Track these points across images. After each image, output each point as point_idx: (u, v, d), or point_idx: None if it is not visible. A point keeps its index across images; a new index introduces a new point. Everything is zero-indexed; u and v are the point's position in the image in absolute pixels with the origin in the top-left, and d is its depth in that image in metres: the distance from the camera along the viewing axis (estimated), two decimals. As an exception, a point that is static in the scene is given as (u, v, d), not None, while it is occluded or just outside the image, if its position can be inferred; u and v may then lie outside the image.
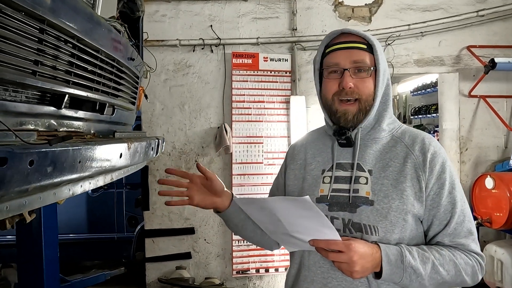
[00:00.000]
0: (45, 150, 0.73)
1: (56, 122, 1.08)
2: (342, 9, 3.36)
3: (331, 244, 0.86)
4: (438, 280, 0.90)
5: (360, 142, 0.99)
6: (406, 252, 0.89)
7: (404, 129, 1.03)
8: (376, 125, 1.00)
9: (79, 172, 0.89)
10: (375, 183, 0.95)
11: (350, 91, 0.95)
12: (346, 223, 0.95)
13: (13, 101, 0.88)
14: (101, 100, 1.30)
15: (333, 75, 0.98)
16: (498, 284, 2.97)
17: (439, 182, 0.95)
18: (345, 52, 0.97)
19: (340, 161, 1.00)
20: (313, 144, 1.09)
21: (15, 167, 0.65)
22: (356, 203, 0.94)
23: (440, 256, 0.91)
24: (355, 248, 0.85)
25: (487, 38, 3.34)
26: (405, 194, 0.93)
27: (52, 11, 0.93)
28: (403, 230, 0.93)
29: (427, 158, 0.95)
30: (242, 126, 3.28)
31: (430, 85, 4.60)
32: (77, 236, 3.96)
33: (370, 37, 0.98)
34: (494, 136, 3.36)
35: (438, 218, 0.94)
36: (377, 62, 0.97)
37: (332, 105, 0.98)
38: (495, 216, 2.96)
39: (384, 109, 1.01)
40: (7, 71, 0.80)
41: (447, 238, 0.94)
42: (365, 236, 0.93)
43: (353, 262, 0.84)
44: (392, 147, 0.99)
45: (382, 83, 0.99)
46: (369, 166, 0.97)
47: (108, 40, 1.30)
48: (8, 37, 0.80)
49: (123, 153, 1.16)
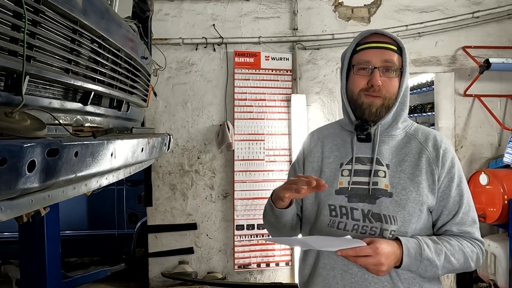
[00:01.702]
0: (87, 143, 0.79)
1: (82, 117, 1.13)
2: (342, 10, 3.43)
3: (359, 251, 0.90)
4: (450, 268, 0.99)
5: (378, 138, 1.05)
6: (424, 245, 0.96)
7: (416, 127, 1.11)
8: (394, 123, 1.07)
9: (110, 164, 0.95)
10: (392, 176, 1.02)
11: (377, 88, 1.02)
12: (365, 214, 1.01)
13: (48, 98, 0.93)
14: (119, 97, 1.36)
15: (363, 72, 1.04)
16: (491, 277, 3.08)
17: (449, 175, 1.03)
18: (377, 51, 1.02)
19: (358, 155, 1.06)
20: (330, 138, 1.14)
21: (64, 158, 0.71)
22: (376, 194, 1.01)
23: (451, 247, 0.99)
24: (382, 251, 0.90)
25: (481, 39, 3.43)
26: (421, 186, 1.01)
27: (84, 12, 0.98)
28: (419, 220, 1.01)
29: (440, 154, 1.03)
30: (244, 123, 3.34)
31: (426, 84, 4.69)
32: (78, 233, 3.98)
33: (400, 40, 1.05)
34: (488, 134, 3.46)
35: (448, 208, 1.03)
36: (404, 64, 1.04)
37: (358, 99, 1.04)
38: (489, 211, 3.06)
39: (402, 109, 1.08)
40: (47, 69, 0.85)
41: (455, 227, 1.03)
42: (384, 225, 1.00)
43: (381, 264, 0.90)
44: (406, 143, 1.06)
45: (405, 84, 1.06)
46: (386, 161, 1.04)
47: (127, 40, 1.35)
48: (46, 37, 0.85)
49: (144, 147, 1.22)
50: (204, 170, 3.39)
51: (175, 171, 3.38)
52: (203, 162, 3.39)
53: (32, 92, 0.85)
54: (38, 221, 2.74)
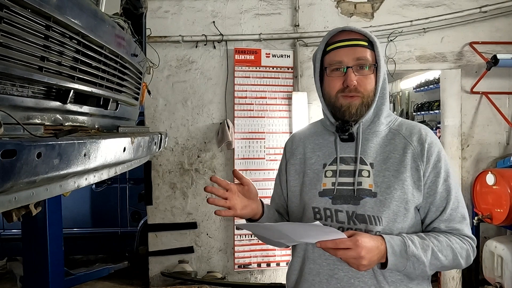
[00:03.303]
0: (52, 143, 0.76)
1: (62, 116, 1.11)
2: (345, 5, 3.36)
3: (339, 243, 0.88)
4: (438, 265, 0.95)
5: (361, 136, 1.01)
6: (409, 242, 0.92)
7: (401, 121, 1.06)
8: (376, 119, 1.03)
9: (84, 165, 0.92)
10: (377, 175, 0.98)
11: (354, 88, 0.97)
12: (350, 215, 0.97)
13: (20, 96, 0.91)
14: (105, 96, 1.33)
15: (336, 73, 1.00)
16: (498, 280, 2.99)
17: (435, 170, 0.98)
18: (348, 50, 0.98)
19: (342, 155, 1.02)
20: (311, 138, 1.10)
21: (24, 159, 0.68)
22: (360, 195, 0.97)
23: (438, 243, 0.95)
24: (362, 243, 0.87)
25: (490, 34, 3.33)
26: (405, 184, 0.96)
27: (58, 8, 0.95)
28: (405, 219, 0.97)
29: (425, 148, 0.99)
30: (244, 122, 3.30)
31: (433, 81, 4.60)
32: (81, 231, 4.01)
33: (371, 34, 1.00)
34: (496, 132, 3.36)
35: (435, 205, 0.98)
36: (378, 58, 0.99)
37: (336, 102, 1.00)
38: (496, 212, 2.98)
39: (382, 103, 1.03)
40: (15, 67, 0.83)
41: (443, 224, 0.98)
42: (369, 226, 0.96)
43: (361, 257, 0.87)
44: (391, 140, 1.02)
45: (382, 78, 1.01)
46: (370, 160, 1.00)
47: (112, 37, 1.32)
48: (15, 34, 0.82)
49: (126, 147, 1.19)
50: (204, 169, 3.37)
51: (175, 169, 3.36)
52: (203, 161, 3.37)
53: (0, 90, 0.83)
54: (41, 219, 2.76)
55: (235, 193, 1.00)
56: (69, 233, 3.69)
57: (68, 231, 3.60)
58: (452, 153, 3.41)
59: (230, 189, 0.99)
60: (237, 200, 0.99)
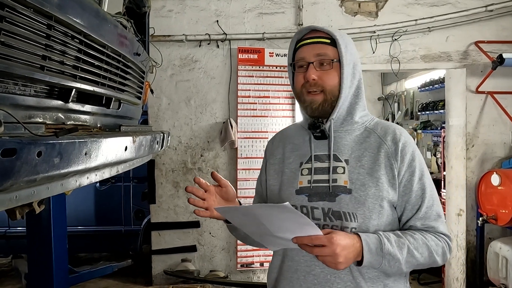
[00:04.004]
0: (52, 142, 0.76)
1: (64, 115, 1.11)
2: (349, 4, 3.34)
3: (314, 239, 0.89)
4: (414, 263, 0.96)
5: (334, 134, 1.04)
6: (385, 239, 0.93)
7: (377, 121, 1.08)
8: (348, 118, 1.05)
9: (85, 164, 0.92)
10: (352, 172, 1.00)
11: (313, 82, 1.01)
12: (326, 212, 0.99)
13: (22, 95, 0.91)
14: (107, 95, 1.34)
15: (301, 69, 1.04)
16: (503, 281, 2.97)
17: (410, 169, 1.00)
18: (310, 47, 1.03)
19: (317, 153, 1.05)
20: (290, 139, 1.13)
21: (24, 158, 0.68)
22: (335, 192, 0.99)
23: (414, 241, 0.96)
24: (337, 240, 0.88)
25: (495, 34, 3.29)
26: (380, 181, 0.98)
27: (60, 7, 0.95)
28: (380, 216, 0.98)
29: (399, 148, 1.00)
30: (248, 121, 3.30)
31: (438, 81, 4.55)
32: (85, 229, 4.03)
33: (334, 32, 1.03)
34: (501, 132, 3.33)
35: (411, 203, 1.00)
36: (340, 55, 1.02)
37: (301, 96, 1.04)
38: (501, 213, 2.95)
39: (356, 102, 1.05)
40: (17, 66, 0.83)
41: (419, 222, 1.00)
42: (344, 223, 0.97)
43: (337, 255, 0.87)
44: (366, 138, 1.04)
45: (352, 76, 1.03)
46: (345, 156, 1.02)
47: (114, 36, 1.33)
48: (17, 33, 0.83)
49: (128, 146, 1.19)
50: (207, 168, 3.37)
51: (178, 168, 3.37)
52: (206, 160, 3.37)
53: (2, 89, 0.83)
54: (45, 217, 2.78)
55: (212, 194, 1.03)
56: (73, 231, 3.71)
57: (72, 229, 3.62)
58: (456, 153, 3.38)
59: (208, 190, 1.02)
60: (214, 201, 1.02)
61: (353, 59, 1.04)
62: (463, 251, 3.36)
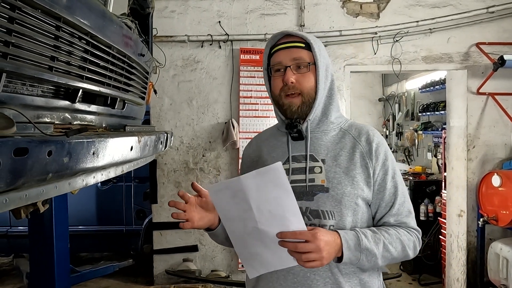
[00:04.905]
0: (62, 142, 0.77)
1: (71, 115, 1.12)
2: (350, 6, 3.35)
3: (298, 234, 0.91)
4: (388, 257, 1.00)
5: (310, 134, 1.07)
6: (362, 235, 0.97)
7: (351, 123, 1.13)
8: (324, 118, 1.09)
9: (92, 163, 0.93)
10: (328, 171, 1.03)
11: (292, 85, 1.04)
12: (304, 211, 1.02)
13: (30, 95, 0.93)
14: (112, 95, 1.35)
15: (278, 73, 1.07)
16: (503, 282, 2.97)
17: (384, 168, 1.05)
18: (286, 51, 1.06)
19: (294, 154, 1.08)
20: (266, 142, 1.16)
21: (35, 157, 0.69)
22: (313, 191, 1.03)
23: (388, 236, 1.01)
24: (320, 236, 0.90)
25: (497, 35, 3.31)
26: (355, 180, 1.02)
27: (68, 8, 0.97)
28: (355, 213, 1.02)
29: (373, 148, 1.05)
30: (249, 121, 3.31)
31: (439, 82, 4.56)
32: (87, 228, 4.04)
33: (308, 37, 1.07)
34: (502, 133, 3.34)
35: (385, 201, 1.05)
36: (315, 58, 1.05)
37: (279, 100, 1.08)
38: (501, 214, 2.96)
39: (330, 103, 1.09)
40: (27, 67, 0.84)
41: (392, 218, 1.05)
42: (323, 221, 1.01)
43: (321, 250, 0.90)
44: (341, 138, 1.08)
45: (325, 78, 1.08)
46: (322, 156, 1.05)
47: (119, 37, 1.34)
48: (27, 34, 0.84)
49: (133, 146, 1.21)
50: (209, 168, 3.38)
51: (180, 168, 3.38)
52: (208, 160, 3.38)
53: (11, 89, 0.84)
54: (47, 216, 2.78)
55: (192, 205, 1.02)
56: (75, 230, 3.72)
57: (74, 229, 3.62)
58: (457, 154, 3.39)
59: (189, 202, 1.02)
60: (194, 212, 1.02)
61: (326, 62, 1.08)
62: (464, 252, 3.36)
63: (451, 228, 3.40)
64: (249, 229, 0.95)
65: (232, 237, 1.01)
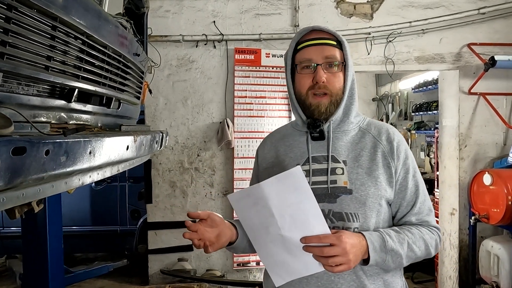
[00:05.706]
0: (59, 141, 0.78)
1: (66, 115, 1.13)
2: (344, 6, 3.38)
3: (323, 238, 0.89)
4: (413, 256, 0.99)
5: (332, 135, 1.04)
6: (387, 236, 0.95)
7: (369, 121, 1.10)
8: (345, 118, 1.05)
9: (89, 163, 0.94)
10: (350, 172, 1.00)
11: (323, 85, 1.00)
12: (326, 214, 0.98)
13: (27, 95, 0.93)
14: (108, 94, 1.35)
15: (306, 70, 1.02)
16: (494, 279, 3.02)
17: (405, 167, 1.03)
18: (318, 48, 1.01)
19: (314, 154, 1.04)
20: (282, 141, 1.11)
21: (33, 156, 0.70)
22: (335, 193, 0.99)
23: (412, 235, 0.99)
24: (345, 238, 0.88)
25: (488, 36, 3.36)
26: (378, 180, 1.00)
27: (64, 8, 0.97)
28: (379, 214, 1.00)
29: (394, 147, 1.03)
30: (244, 121, 3.32)
31: (431, 82, 4.61)
32: (81, 229, 4.02)
33: (339, 35, 1.04)
34: (493, 133, 3.39)
35: (406, 200, 1.03)
36: (346, 57, 1.03)
37: (306, 99, 1.03)
38: (493, 212, 3.00)
39: (351, 102, 1.06)
40: (23, 66, 0.85)
41: (414, 217, 1.03)
42: (347, 223, 0.98)
43: (347, 253, 0.87)
44: (361, 138, 1.05)
45: (350, 78, 1.04)
46: (343, 157, 1.02)
47: (115, 36, 1.34)
48: (23, 34, 0.84)
49: (129, 145, 1.21)
50: (204, 168, 3.39)
51: (175, 168, 3.38)
52: (203, 160, 3.39)
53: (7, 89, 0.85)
54: (41, 216, 2.77)
55: (203, 231, 0.98)
56: (69, 231, 3.69)
57: (68, 229, 3.60)
58: (449, 154, 3.43)
59: (197, 230, 0.98)
60: (208, 234, 0.98)
61: (351, 61, 1.05)
62: (456, 249, 3.41)
63: (443, 226, 3.44)
64: (272, 236, 0.93)
65: (256, 246, 0.99)
